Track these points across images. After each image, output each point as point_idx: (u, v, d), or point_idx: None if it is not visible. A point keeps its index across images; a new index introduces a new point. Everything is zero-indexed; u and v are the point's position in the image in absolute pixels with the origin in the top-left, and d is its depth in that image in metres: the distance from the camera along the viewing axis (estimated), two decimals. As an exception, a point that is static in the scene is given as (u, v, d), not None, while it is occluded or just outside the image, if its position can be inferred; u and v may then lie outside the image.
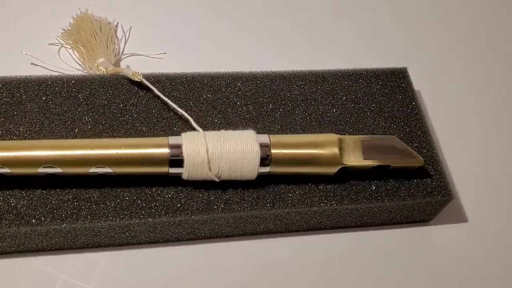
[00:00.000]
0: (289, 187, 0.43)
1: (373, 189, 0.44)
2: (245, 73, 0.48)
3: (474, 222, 0.49)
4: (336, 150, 0.42)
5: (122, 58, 0.54)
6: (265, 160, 0.41)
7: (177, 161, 0.40)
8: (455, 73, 0.59)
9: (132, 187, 0.41)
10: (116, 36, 0.56)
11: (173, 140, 0.40)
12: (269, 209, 0.41)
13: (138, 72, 0.45)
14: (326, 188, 0.43)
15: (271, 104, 0.47)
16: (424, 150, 0.46)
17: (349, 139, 0.43)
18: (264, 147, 0.41)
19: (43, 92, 0.44)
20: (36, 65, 0.52)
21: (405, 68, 0.51)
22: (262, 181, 0.42)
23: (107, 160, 0.39)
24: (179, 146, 0.40)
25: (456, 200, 0.49)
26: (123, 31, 0.56)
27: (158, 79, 0.47)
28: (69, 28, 0.54)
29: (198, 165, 0.40)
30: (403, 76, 0.51)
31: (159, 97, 0.45)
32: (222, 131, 0.42)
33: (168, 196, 0.41)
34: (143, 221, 0.40)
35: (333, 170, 0.42)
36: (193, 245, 0.44)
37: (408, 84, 0.50)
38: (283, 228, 0.44)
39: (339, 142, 0.42)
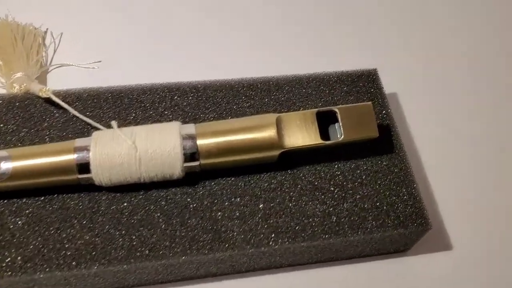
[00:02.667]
0: (233, 222, 0.35)
1: (334, 220, 0.36)
2: (184, 84, 0.41)
3: (460, 250, 0.41)
4: (272, 132, 0.35)
5: (49, 70, 0.47)
6: (192, 153, 0.34)
7: (85, 166, 0.34)
8: (438, 73, 0.51)
9: (37, 231, 0.34)
10: (44, 44, 0.48)
11: (80, 142, 0.34)
12: (205, 254, 0.34)
13: (47, 88, 0.38)
14: (277, 222, 0.36)
15: (213, 119, 0.40)
16: (396, 169, 0.39)
17: (297, 115, 0.36)
18: (189, 138, 0.34)
19: None
20: None
21: (375, 69, 0.44)
22: (196, 213, 0.35)
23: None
24: (87, 149, 0.34)
25: (437, 225, 0.42)
26: (53, 38, 0.49)
27: (78, 96, 0.40)
28: (-12, 37, 0.47)
29: (116, 166, 0.34)
30: (372, 79, 0.43)
31: (75, 116, 0.38)
32: (141, 126, 0.36)
33: (80, 242, 0.34)
34: (49, 275, 0.33)
35: (273, 154, 0.36)
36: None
37: (378, 88, 0.43)
38: (228, 270, 0.37)
39: (277, 122, 0.36)
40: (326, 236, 0.36)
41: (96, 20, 0.51)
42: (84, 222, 0.35)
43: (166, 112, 0.39)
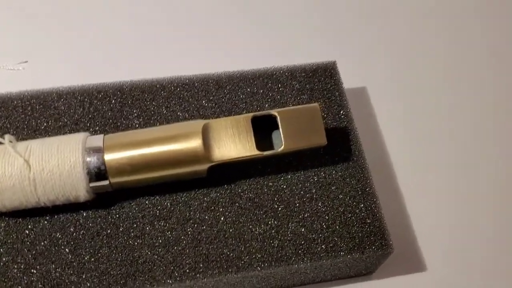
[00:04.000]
0: (154, 251, 0.30)
1: (275, 244, 0.31)
2: (107, 85, 0.35)
3: (434, 271, 0.36)
4: (197, 142, 0.30)
5: (-32, 71, 0.42)
6: (98, 171, 0.29)
7: None
8: (414, 66, 0.44)
9: None
10: (-37, 43, 0.43)
11: None
12: (117, 289, 0.29)
13: None
14: (208, 250, 0.30)
15: (140, 127, 0.34)
16: (353, 181, 0.33)
17: (228, 121, 0.31)
18: (94, 153, 0.29)
19: None
20: None
21: (334, 62, 0.37)
22: (110, 241, 0.30)
23: None
24: None
25: (409, 244, 0.36)
26: (-27, 35, 0.44)
27: (-17, 104, 0.34)
28: None
29: (7, 189, 0.28)
30: (330, 73, 0.37)
31: None
32: (40, 139, 0.30)
33: (-32, 280, 0.29)
34: None
35: (200, 169, 0.30)
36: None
37: (336, 84, 0.36)
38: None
39: (204, 131, 0.30)
40: (266, 264, 0.30)
41: (23, 17, 0.45)
42: (-22, 254, 0.29)
43: (82, 120, 0.34)
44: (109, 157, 0.29)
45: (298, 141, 0.31)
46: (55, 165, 0.28)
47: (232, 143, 0.30)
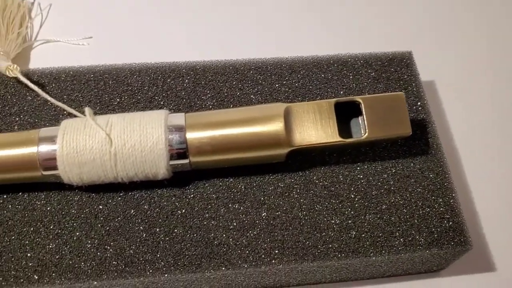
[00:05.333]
0: (229, 234, 0.29)
1: (353, 235, 0.30)
2: (180, 64, 0.35)
3: (504, 271, 0.34)
4: (279, 126, 0.29)
5: (34, 45, 0.42)
6: (180, 150, 0.28)
7: (51, 161, 0.28)
8: (485, 58, 0.43)
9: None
10: (30, 17, 0.43)
11: (46, 132, 0.28)
12: (193, 272, 0.28)
13: (14, 66, 0.33)
14: (283, 236, 0.29)
15: (213, 108, 0.33)
16: (431, 174, 0.32)
17: (311, 106, 0.30)
18: (176, 131, 0.28)
19: None
20: None
21: (410, 52, 0.36)
22: (185, 220, 0.29)
23: None
24: (53, 140, 0.28)
25: (478, 242, 0.35)
26: (40, 9, 0.43)
27: (56, 76, 0.34)
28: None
29: (87, 162, 0.28)
30: (406, 63, 0.36)
31: (47, 100, 0.32)
32: (120, 114, 0.30)
33: (45, 252, 0.28)
34: (5, 291, 0.27)
35: (280, 153, 0.29)
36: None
37: (413, 75, 0.35)
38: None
39: (286, 114, 0.29)
40: (342, 255, 0.29)
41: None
42: (51, 227, 0.29)
43: (156, 98, 0.33)
44: (190, 136, 0.28)
45: (382, 129, 0.30)
46: (137, 141, 0.28)
47: (314, 128, 0.29)
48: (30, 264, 0.28)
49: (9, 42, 0.39)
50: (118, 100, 0.33)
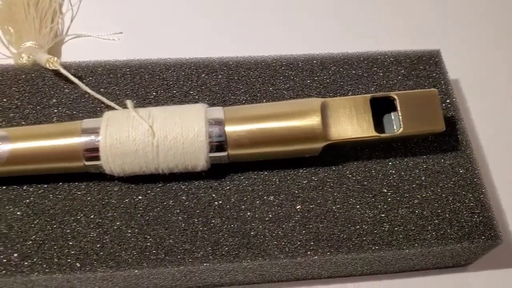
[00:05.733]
0: (265, 225, 0.30)
1: (386, 229, 0.30)
2: (213, 60, 0.35)
3: (532, 268, 0.35)
4: (316, 120, 0.29)
5: (65, 40, 0.42)
6: (219, 142, 0.29)
7: (94, 151, 0.29)
8: (507, 57, 0.44)
9: (38, 224, 0.29)
10: (60, 12, 0.43)
11: (88, 123, 0.29)
12: (231, 261, 0.29)
13: (54, 58, 0.33)
14: (318, 228, 0.30)
15: (246, 102, 0.34)
16: (462, 170, 0.32)
17: (346, 101, 0.31)
18: (216, 124, 0.29)
19: None
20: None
21: (438, 50, 0.37)
22: (222, 211, 0.30)
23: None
24: (96, 131, 0.29)
25: (505, 238, 0.35)
26: (71, 5, 0.44)
27: (92, 70, 0.34)
28: (0, 3, 0.42)
29: (130, 153, 0.28)
30: (434, 61, 0.36)
31: (87, 93, 0.33)
32: (161, 107, 0.30)
33: (86, 240, 0.29)
34: (49, 277, 0.28)
35: (316, 147, 0.30)
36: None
37: (442, 73, 0.36)
38: (257, 279, 0.32)
39: (322, 108, 0.30)
40: (376, 247, 0.30)
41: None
42: (92, 216, 0.30)
43: (191, 92, 0.34)
44: (229, 129, 0.29)
45: (416, 125, 0.30)
46: (178, 133, 0.28)
47: (350, 123, 0.30)
48: (72, 252, 0.29)
49: (43, 36, 0.40)
50: (154, 94, 0.34)
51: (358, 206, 0.31)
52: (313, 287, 0.33)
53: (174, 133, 0.28)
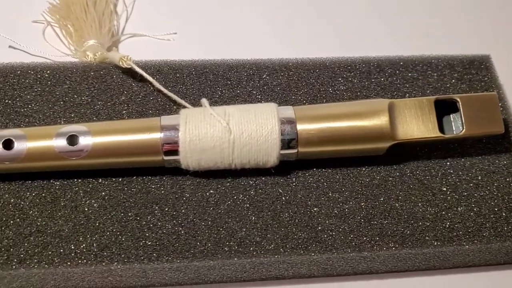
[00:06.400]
0: (331, 220, 0.31)
1: (447, 226, 0.32)
2: (274, 61, 0.37)
3: None
4: (384, 120, 0.31)
5: (121, 39, 0.43)
6: (290, 140, 0.30)
7: (173, 147, 0.30)
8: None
9: (115, 216, 0.31)
10: (116, 12, 0.45)
11: (167, 120, 0.31)
12: (301, 254, 0.30)
13: (128, 57, 0.35)
14: (382, 224, 0.31)
15: (306, 103, 0.35)
16: (517, 171, 0.34)
17: (412, 102, 0.32)
18: (287, 123, 0.30)
19: (10, 85, 0.34)
20: (14, 48, 0.41)
21: (488, 56, 0.38)
22: (289, 206, 0.31)
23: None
24: (175, 128, 0.30)
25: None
26: (125, 5, 0.45)
27: (158, 69, 0.36)
28: (58, 2, 0.43)
29: (208, 149, 0.30)
30: (485, 66, 0.38)
31: (159, 90, 0.34)
32: (235, 105, 0.32)
33: (162, 232, 0.30)
34: (127, 267, 0.29)
35: (383, 146, 0.31)
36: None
37: (492, 77, 0.37)
38: (319, 272, 0.33)
39: (390, 109, 0.31)
40: (438, 243, 0.31)
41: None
42: (167, 209, 0.31)
43: (254, 92, 0.35)
44: (300, 127, 0.30)
45: (478, 127, 0.32)
46: (253, 130, 0.30)
47: (416, 123, 0.31)
48: (149, 243, 0.30)
49: (103, 36, 0.41)
50: (219, 93, 0.35)
51: (419, 204, 0.32)
52: (371, 281, 0.34)
53: (250, 130, 0.30)
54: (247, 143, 0.30)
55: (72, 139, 0.30)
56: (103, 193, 0.31)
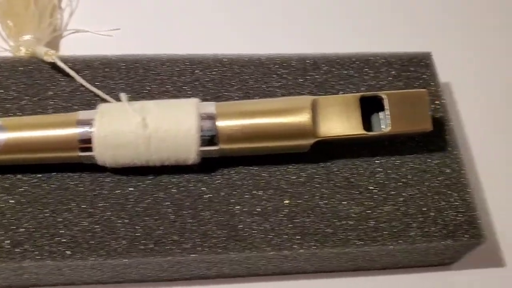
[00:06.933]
0: (253, 218, 0.31)
1: (371, 225, 0.31)
2: (208, 57, 0.36)
3: (514, 268, 0.36)
4: (306, 117, 0.30)
5: (64, 35, 0.43)
6: (211, 136, 0.30)
7: (87, 142, 0.29)
8: (502, 63, 0.44)
9: (31, 212, 0.30)
10: (60, 7, 0.44)
11: (83, 115, 0.30)
12: (218, 253, 0.29)
13: (52, 52, 0.34)
14: (304, 222, 0.31)
15: (238, 98, 0.35)
16: (448, 170, 0.33)
17: (337, 99, 0.31)
18: (208, 118, 0.30)
19: None
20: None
21: (429, 53, 0.38)
22: (211, 204, 0.30)
23: None
24: (90, 123, 0.29)
25: (489, 238, 0.36)
26: (70, 0, 0.45)
27: (88, 64, 0.35)
28: (-1, -4, 0.43)
29: (122, 145, 0.29)
30: (425, 63, 0.37)
31: (83, 86, 0.33)
32: (154, 100, 0.31)
33: (77, 229, 0.30)
34: (40, 264, 0.29)
35: (306, 143, 0.31)
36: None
37: (432, 74, 0.37)
38: (243, 272, 0.32)
39: (313, 106, 0.30)
40: (361, 242, 0.30)
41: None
42: (84, 206, 0.30)
43: (185, 87, 0.35)
44: (221, 123, 0.30)
45: (404, 124, 0.31)
46: (171, 126, 0.29)
47: (339, 120, 0.31)
48: (64, 240, 0.29)
49: (41, 30, 0.40)
50: (148, 88, 0.34)
51: (344, 202, 0.31)
52: (299, 281, 0.34)
53: (166, 126, 0.29)
54: (164, 139, 0.29)
55: None
56: (21, 189, 0.31)
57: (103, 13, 0.44)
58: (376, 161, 0.33)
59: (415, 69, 0.37)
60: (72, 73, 0.33)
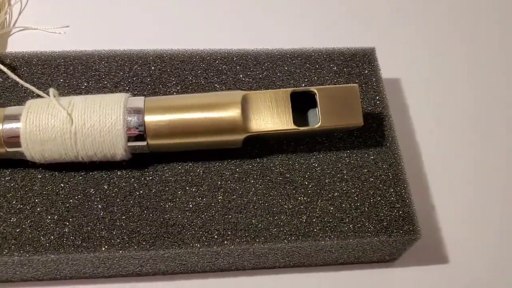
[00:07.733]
0: (184, 215, 0.30)
1: (304, 220, 0.31)
2: (148, 52, 0.36)
3: (456, 264, 0.35)
4: (236, 112, 0.30)
5: (12, 32, 0.43)
6: (138, 132, 0.29)
7: (14, 138, 0.29)
8: (450, 60, 0.44)
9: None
10: (9, 4, 0.44)
11: (11, 111, 0.30)
12: (147, 249, 0.29)
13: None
14: (237, 218, 0.30)
15: (176, 94, 0.34)
16: (385, 165, 0.33)
17: (268, 95, 0.31)
18: (135, 113, 0.30)
19: None
20: None
21: (373, 48, 0.38)
22: (142, 201, 0.30)
23: None
24: (17, 118, 0.29)
25: (432, 234, 0.36)
26: (20, -3, 0.44)
27: (27, 60, 0.35)
28: (-51, -7, 0.43)
29: (49, 140, 0.29)
30: (368, 59, 0.37)
31: (16, 82, 0.33)
32: (83, 96, 0.31)
33: (5, 225, 0.29)
34: (-37, 261, 0.28)
35: (236, 138, 0.31)
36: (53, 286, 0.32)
37: (374, 70, 0.37)
38: (179, 269, 0.32)
39: (243, 101, 0.30)
40: (293, 238, 0.30)
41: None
42: (14, 202, 0.30)
43: (122, 83, 0.34)
44: (148, 118, 0.30)
45: (335, 119, 0.31)
46: (96, 121, 0.29)
47: (270, 116, 0.30)
48: (-10, 237, 0.29)
49: (-14, 27, 0.40)
50: (85, 84, 0.34)
51: (278, 198, 0.31)
52: (237, 278, 0.33)
53: (92, 121, 0.29)
54: (89, 134, 0.29)
55: None
56: (-50, 186, 0.30)
57: (52, 10, 0.44)
58: (313, 157, 0.33)
59: (357, 65, 0.37)
60: (4, 68, 0.33)
